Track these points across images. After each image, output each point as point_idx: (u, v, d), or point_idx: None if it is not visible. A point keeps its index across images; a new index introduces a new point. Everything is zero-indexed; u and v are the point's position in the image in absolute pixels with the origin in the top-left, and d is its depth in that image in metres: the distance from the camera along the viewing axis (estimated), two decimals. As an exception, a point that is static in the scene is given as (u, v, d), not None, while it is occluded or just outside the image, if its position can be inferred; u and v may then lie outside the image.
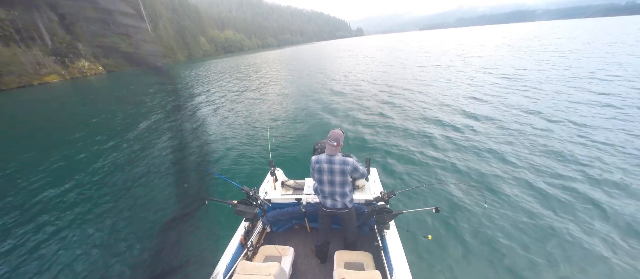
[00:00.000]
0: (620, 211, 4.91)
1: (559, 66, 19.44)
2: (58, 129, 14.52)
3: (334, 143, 3.00)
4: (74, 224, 5.93)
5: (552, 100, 11.69)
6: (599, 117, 9.39)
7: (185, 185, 6.95)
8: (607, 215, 4.89)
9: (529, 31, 79.31)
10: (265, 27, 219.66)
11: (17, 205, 6.90)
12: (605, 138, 7.80)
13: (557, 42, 37.96)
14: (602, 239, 4.39)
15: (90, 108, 20.15)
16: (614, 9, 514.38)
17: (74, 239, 5.45)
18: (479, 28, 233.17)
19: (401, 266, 2.86)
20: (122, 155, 9.70)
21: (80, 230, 5.71)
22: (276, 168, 4.69)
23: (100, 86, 37.64)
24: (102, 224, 5.83)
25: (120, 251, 4.98)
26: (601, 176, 6.03)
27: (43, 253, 5.13)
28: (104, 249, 5.08)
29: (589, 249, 4.23)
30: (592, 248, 4.24)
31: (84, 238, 5.45)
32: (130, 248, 5.04)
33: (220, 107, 16.56)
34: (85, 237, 5.46)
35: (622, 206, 5.03)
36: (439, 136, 8.98)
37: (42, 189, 7.72)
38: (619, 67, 17.05)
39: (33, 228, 5.92)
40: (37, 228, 5.89)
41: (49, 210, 6.58)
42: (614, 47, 27.43)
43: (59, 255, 5.05)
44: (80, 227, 5.81)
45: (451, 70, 22.24)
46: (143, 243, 5.13)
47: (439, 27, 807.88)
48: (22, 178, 8.53)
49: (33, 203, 6.94)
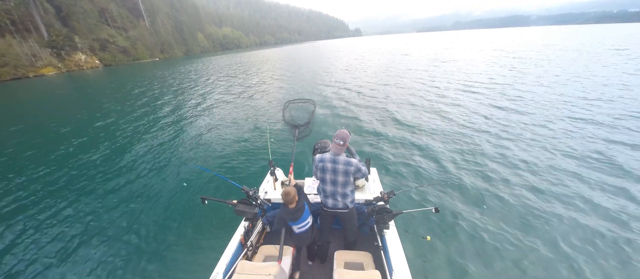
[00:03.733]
0: (619, 210, 5.01)
1: (553, 70, 19.66)
2: (53, 123, 14.32)
3: (341, 142, 3.01)
4: (73, 224, 5.86)
5: (552, 100, 11.83)
6: (598, 117, 9.54)
7: (185, 184, 6.90)
8: (606, 215, 4.98)
9: (524, 36, 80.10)
10: (263, 25, 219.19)
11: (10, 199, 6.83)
12: (605, 139, 7.92)
13: (549, 47, 38.38)
14: (601, 239, 4.46)
15: (86, 104, 19.93)
16: (606, 17, 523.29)
17: (72, 239, 5.39)
18: (474, 31, 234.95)
19: (401, 266, 2.88)
20: (120, 155, 9.58)
21: (76, 229, 5.65)
22: (276, 167, 4.68)
23: (96, 80, 37.18)
24: (100, 224, 5.77)
25: (119, 251, 4.94)
26: (600, 176, 6.12)
27: (40, 252, 5.08)
28: (103, 249, 5.03)
29: (588, 250, 4.29)
30: (591, 248, 4.31)
31: (81, 237, 5.39)
32: (129, 248, 4.99)
33: (219, 105, 16.47)
34: (82, 236, 5.41)
35: (621, 206, 5.13)
36: (439, 136, 9.04)
37: (36, 187, 7.63)
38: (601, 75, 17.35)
39: (28, 226, 5.86)
40: (31, 227, 5.83)
41: (48, 210, 6.51)
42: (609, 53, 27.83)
43: (59, 255, 5.00)
44: (76, 226, 5.75)
45: (451, 70, 22.37)
46: (142, 243, 5.09)
47: (436, 29, 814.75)
48: (16, 172, 8.44)
49: (23, 201, 6.87)
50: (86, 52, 65.90)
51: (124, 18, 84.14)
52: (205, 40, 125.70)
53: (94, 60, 66.73)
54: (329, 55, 50.94)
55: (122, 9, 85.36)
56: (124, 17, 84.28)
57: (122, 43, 77.94)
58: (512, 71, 20.96)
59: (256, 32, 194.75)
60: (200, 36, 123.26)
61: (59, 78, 43.43)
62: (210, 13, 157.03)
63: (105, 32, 74.71)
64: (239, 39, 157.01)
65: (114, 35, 76.77)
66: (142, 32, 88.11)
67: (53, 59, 56.93)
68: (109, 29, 77.45)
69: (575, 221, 4.90)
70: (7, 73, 45.93)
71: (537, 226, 4.83)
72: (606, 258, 4.16)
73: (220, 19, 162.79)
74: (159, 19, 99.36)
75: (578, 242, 4.45)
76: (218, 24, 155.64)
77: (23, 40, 52.92)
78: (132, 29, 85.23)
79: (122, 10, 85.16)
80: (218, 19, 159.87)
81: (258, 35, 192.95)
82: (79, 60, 62.78)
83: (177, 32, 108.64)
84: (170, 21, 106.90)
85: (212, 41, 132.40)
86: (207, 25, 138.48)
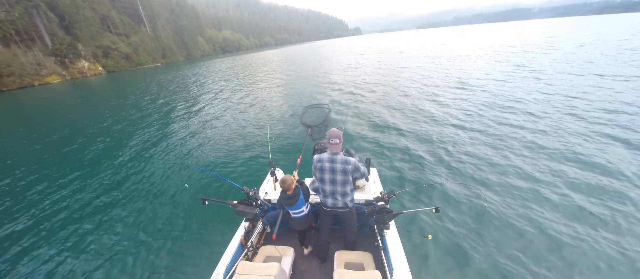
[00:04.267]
0: (617, 209, 4.94)
1: (553, 65, 19.46)
2: (57, 130, 14.50)
3: (336, 140, 3.02)
4: (72, 223, 5.95)
5: (551, 102, 11.71)
6: (598, 118, 9.42)
7: (186, 185, 6.96)
8: (606, 214, 4.92)
9: (524, 30, 79.37)
10: (262, 26, 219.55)
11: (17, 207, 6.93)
12: (606, 139, 7.83)
13: (548, 40, 37.99)
14: (601, 239, 4.41)
15: (90, 110, 20.13)
16: (609, 6, 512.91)
17: (71, 239, 5.46)
18: (475, 26, 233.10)
19: (401, 266, 2.87)
20: (120, 156, 9.72)
21: (77, 230, 5.72)
22: (276, 168, 4.70)
23: (99, 87, 37.56)
24: (99, 224, 5.85)
25: (119, 251, 5.00)
26: (600, 176, 6.05)
27: (39, 253, 5.15)
28: (103, 249, 5.10)
29: (587, 250, 4.25)
30: (591, 248, 4.27)
31: (81, 238, 5.46)
32: (129, 249, 5.05)
33: (220, 107, 16.57)
34: (82, 238, 5.48)
35: (621, 206, 5.06)
36: (439, 136, 9.00)
37: (42, 191, 7.74)
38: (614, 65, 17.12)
39: (33, 229, 5.94)
40: (37, 231, 5.91)
41: (48, 210, 6.60)
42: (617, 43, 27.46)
43: (57, 255, 5.07)
44: (77, 227, 5.83)
45: (450, 71, 22.25)
46: (142, 244, 5.14)
47: (436, 25, 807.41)
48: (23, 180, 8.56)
49: (36, 206, 6.97)
50: (89, 59, 66.54)
51: (125, 24, 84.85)
52: (205, 44, 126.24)
53: (97, 67, 67.35)
54: (328, 56, 50.94)
55: (123, 16, 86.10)
56: (125, 24, 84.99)
57: (124, 49, 78.58)
58: (512, 71, 20.75)
59: (256, 33, 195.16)
60: (200, 40, 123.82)
61: (63, 86, 43.92)
62: (209, 16, 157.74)
63: (107, 38, 75.40)
64: (239, 41, 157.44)
65: (116, 41, 77.42)
66: (143, 38, 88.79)
67: (57, 67, 57.52)
68: (111, 36, 78.15)
69: (577, 219, 4.85)
70: (13, 82, 46.46)
71: (538, 224, 4.79)
72: (608, 256, 4.12)
73: (220, 22, 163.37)
74: (160, 25, 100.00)
75: (580, 239, 4.41)
76: (218, 27, 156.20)
77: (28, 50, 53.54)
78: (133, 35, 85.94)
79: (123, 16, 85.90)
80: (217, 22, 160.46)
81: (258, 36, 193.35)
82: (83, 68, 63.39)
83: (177, 36, 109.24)
84: (170, 26, 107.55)
85: (212, 44, 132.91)
86: (207, 29, 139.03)
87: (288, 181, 3.17)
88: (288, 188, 3.18)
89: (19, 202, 7.12)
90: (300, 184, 3.40)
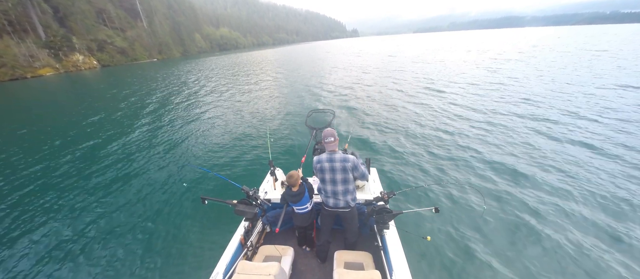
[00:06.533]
0: (617, 208, 5.05)
1: (552, 72, 19.78)
2: (52, 124, 14.26)
3: (331, 139, 3.06)
4: (72, 223, 5.84)
5: (551, 102, 11.89)
6: (600, 120, 9.60)
7: (185, 184, 6.89)
8: (605, 214, 5.01)
9: (520, 37, 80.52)
10: (260, 25, 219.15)
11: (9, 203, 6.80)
12: (607, 140, 7.98)
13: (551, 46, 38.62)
14: (600, 239, 4.49)
15: (85, 105, 19.80)
16: (598, 18, 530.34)
17: (70, 239, 5.37)
18: (470, 32, 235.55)
19: (401, 266, 2.88)
20: (118, 156, 9.54)
21: (74, 229, 5.63)
22: (276, 168, 4.68)
23: (94, 81, 37.01)
24: (98, 224, 5.75)
25: (119, 251, 4.92)
26: (599, 176, 6.15)
27: (38, 252, 5.07)
28: (102, 249, 5.01)
29: (586, 249, 4.31)
30: (590, 248, 4.34)
31: (80, 238, 5.37)
32: (129, 249, 4.97)
33: (218, 105, 16.44)
34: (81, 237, 5.39)
35: (619, 207, 5.17)
36: (439, 136, 9.05)
37: (36, 188, 7.60)
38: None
39: (42, 224, 5.84)
40: (33, 229, 5.81)
41: (45, 208, 6.49)
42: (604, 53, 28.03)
43: (57, 255, 4.98)
44: (74, 226, 5.73)
45: (450, 71, 22.44)
46: (141, 244, 5.07)
47: (432, 30, 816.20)
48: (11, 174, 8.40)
49: (26, 203, 6.84)
50: (84, 52, 65.63)
51: (121, 19, 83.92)
52: (202, 41, 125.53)
53: (91, 60, 66.47)
54: (327, 56, 50.99)
55: (120, 10, 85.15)
56: (121, 18, 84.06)
57: (120, 44, 77.69)
58: (511, 71, 21.05)
59: (254, 32, 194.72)
60: (197, 37, 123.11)
61: (57, 79, 43.17)
62: (207, 13, 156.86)
63: (102, 32, 74.45)
64: (237, 39, 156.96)
65: (111, 35, 76.52)
66: (139, 33, 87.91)
67: (51, 60, 56.64)
68: (107, 30, 77.19)
69: (576, 220, 4.93)
70: (5, 74, 45.63)
71: (537, 225, 4.84)
72: (611, 254, 4.19)
73: (218, 19, 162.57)
74: (157, 20, 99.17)
75: (580, 240, 4.48)
76: (215, 24, 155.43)
77: (20, 41, 52.62)
78: (129, 30, 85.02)
79: (120, 11, 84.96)
80: (215, 20, 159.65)
81: (255, 35, 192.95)
82: (77, 61, 62.51)
83: (174, 32, 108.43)
84: (167, 22, 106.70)
85: (209, 42, 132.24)
86: (205, 26, 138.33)
87: (294, 176, 3.20)
88: (294, 184, 3.22)
89: (3, 201, 6.95)
90: (305, 181, 3.46)
